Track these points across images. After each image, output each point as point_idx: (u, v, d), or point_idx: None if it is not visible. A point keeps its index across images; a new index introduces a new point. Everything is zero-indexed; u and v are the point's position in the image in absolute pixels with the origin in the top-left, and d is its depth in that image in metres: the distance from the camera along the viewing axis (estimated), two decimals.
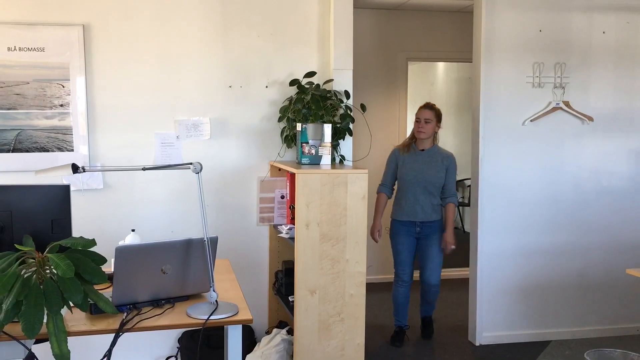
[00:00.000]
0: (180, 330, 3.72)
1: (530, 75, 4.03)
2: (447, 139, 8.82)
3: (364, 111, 3.69)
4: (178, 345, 3.71)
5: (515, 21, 3.97)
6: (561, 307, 4.22)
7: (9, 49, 3.34)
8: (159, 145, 3.62)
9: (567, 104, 4.06)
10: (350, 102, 3.68)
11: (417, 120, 3.99)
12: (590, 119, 4.11)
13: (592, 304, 4.25)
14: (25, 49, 3.36)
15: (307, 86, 3.62)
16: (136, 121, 3.58)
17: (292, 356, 3.38)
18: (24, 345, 1.97)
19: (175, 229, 3.68)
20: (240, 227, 3.79)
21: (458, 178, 8.32)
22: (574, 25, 4.05)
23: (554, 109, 4.06)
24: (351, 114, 3.65)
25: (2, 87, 3.36)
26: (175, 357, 3.71)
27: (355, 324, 3.12)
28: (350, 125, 3.64)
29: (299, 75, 3.69)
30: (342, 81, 3.70)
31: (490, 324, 4.12)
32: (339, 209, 3.07)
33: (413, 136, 4.05)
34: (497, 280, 4.11)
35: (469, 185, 7.66)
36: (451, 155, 4.06)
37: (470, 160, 4.15)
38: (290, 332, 3.50)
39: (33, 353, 2.04)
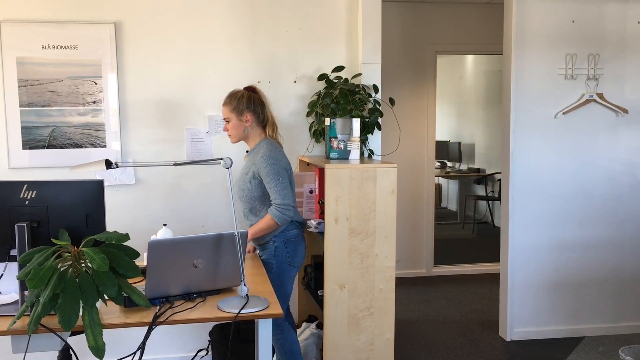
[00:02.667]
0: (211, 324, 3.76)
1: (562, 67, 3.96)
2: (477, 132, 8.74)
3: (392, 105, 3.67)
4: (209, 338, 3.75)
5: (547, 12, 3.90)
6: (595, 302, 4.15)
7: (43, 47, 3.41)
8: (189, 140, 3.65)
9: (600, 96, 3.98)
10: (378, 96, 3.66)
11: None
12: (625, 111, 4.02)
13: (627, 299, 4.17)
14: (58, 47, 3.42)
15: (335, 81, 3.61)
16: (167, 117, 3.62)
17: (321, 350, 3.39)
18: (60, 337, 2.01)
19: (206, 224, 3.72)
20: None
21: (488, 172, 8.27)
22: (608, 16, 3.96)
23: (587, 101, 3.98)
24: (380, 108, 3.63)
25: (36, 85, 3.43)
26: (207, 350, 3.75)
27: (384, 319, 3.11)
28: (379, 120, 3.63)
29: (327, 70, 3.69)
30: (371, 75, 3.69)
31: (521, 319, 4.08)
32: (368, 204, 3.06)
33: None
34: (529, 275, 4.05)
35: (499, 180, 7.59)
36: (263, 154, 2.91)
37: (500, 154, 4.10)
38: (320, 326, 3.51)
39: (69, 345, 2.09)
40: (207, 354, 3.75)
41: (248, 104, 2.98)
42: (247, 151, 3.09)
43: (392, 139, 4.44)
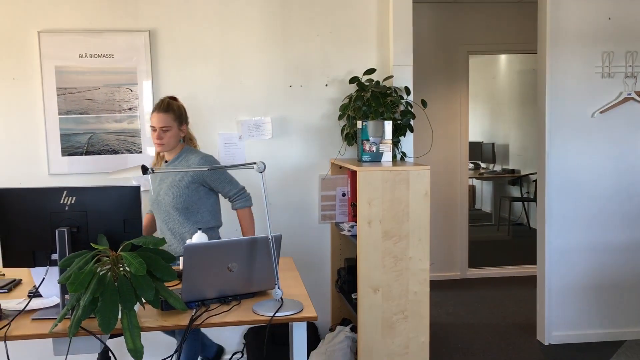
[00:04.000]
0: (246, 327, 3.79)
1: (599, 65, 3.87)
2: (511, 132, 8.62)
3: (424, 107, 3.65)
4: (244, 341, 3.79)
5: (583, 9, 3.83)
6: (636, 305, 4.04)
7: (80, 56, 3.49)
8: (222, 145, 3.69)
9: (639, 94, 3.88)
10: (410, 98, 3.65)
11: (153, 129, 2.95)
12: None
13: None
14: (95, 56, 3.50)
15: (366, 83, 3.61)
16: (200, 122, 3.67)
17: (355, 353, 3.39)
18: (100, 339, 2.05)
19: (239, 228, 3.74)
20: (302, 225, 3.82)
21: (523, 172, 8.14)
22: None
23: (626, 100, 3.89)
24: (412, 110, 3.61)
25: (74, 93, 3.51)
26: (242, 352, 3.79)
27: (419, 322, 3.09)
28: (411, 122, 3.61)
29: (359, 73, 3.69)
30: (402, 77, 3.67)
31: (560, 322, 4.00)
32: (401, 206, 3.05)
33: None
34: (567, 278, 3.98)
35: (535, 180, 7.46)
36: (200, 158, 2.97)
37: (535, 155, 4.03)
38: (354, 329, 3.51)
39: (108, 347, 2.14)
40: (242, 356, 3.78)
41: (186, 115, 3.06)
42: (166, 161, 3.05)
43: (425, 141, 4.41)
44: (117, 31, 3.51)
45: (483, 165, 9.12)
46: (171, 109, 2.97)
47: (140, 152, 3.59)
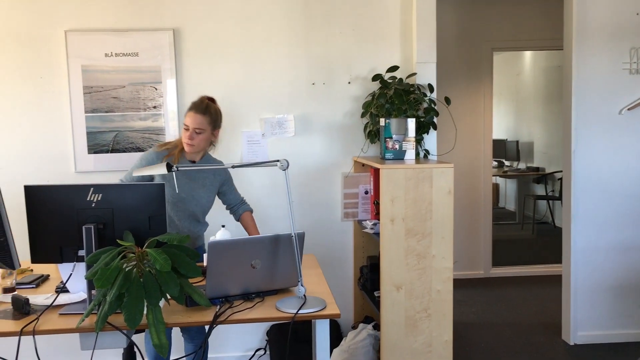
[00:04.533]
0: (269, 324, 3.81)
1: (627, 62, 3.80)
2: (535, 130, 8.51)
3: (448, 104, 3.62)
4: (267, 338, 3.80)
5: (610, 4, 3.76)
6: None
7: (106, 54, 3.53)
8: (245, 143, 3.71)
9: None
10: (434, 95, 3.62)
11: (186, 128, 2.87)
12: None
13: None
14: (121, 55, 3.54)
15: (389, 81, 3.59)
16: (223, 120, 3.67)
17: (378, 351, 3.38)
18: (126, 335, 2.08)
19: (261, 225, 3.75)
20: (324, 222, 3.83)
21: (548, 170, 8.04)
22: None
23: None
24: (435, 107, 3.59)
25: (100, 92, 3.56)
26: (264, 349, 3.80)
27: (442, 321, 3.07)
28: (435, 119, 3.59)
29: (382, 70, 3.67)
30: (426, 74, 3.65)
31: (585, 322, 3.94)
32: (424, 204, 3.03)
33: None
34: (593, 277, 3.92)
35: (560, 179, 7.36)
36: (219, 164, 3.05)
37: (560, 152, 3.97)
38: (377, 327, 3.50)
39: (134, 342, 2.16)
40: (265, 353, 3.80)
41: (221, 120, 2.99)
42: (192, 161, 2.95)
43: (448, 138, 4.38)
44: (141, 30, 3.55)
45: (507, 163, 9.03)
46: (209, 112, 2.90)
47: None
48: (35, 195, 2.18)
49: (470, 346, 3.95)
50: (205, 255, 2.65)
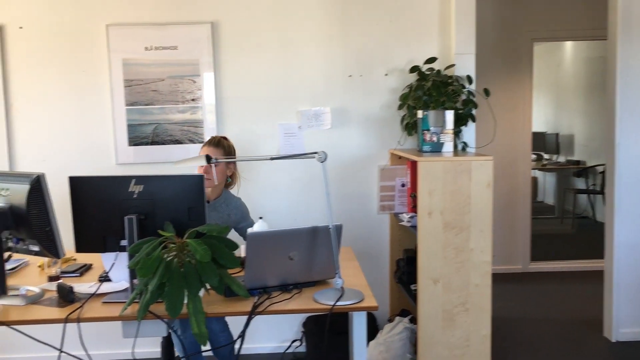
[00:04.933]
0: (305, 315, 3.83)
1: None
2: (576, 122, 8.32)
3: (487, 96, 3.56)
4: (302, 329, 3.82)
5: None
6: None
7: (146, 48, 3.59)
8: (282, 135, 3.73)
9: None
10: (472, 87, 3.57)
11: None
12: None
13: None
14: (160, 48, 3.59)
15: (427, 72, 3.56)
16: (260, 113, 3.71)
17: (414, 345, 3.37)
18: (167, 323, 2.12)
19: (298, 217, 3.78)
20: (360, 215, 3.82)
21: (589, 164, 7.86)
22: None
23: None
24: (474, 99, 3.54)
25: (140, 85, 3.62)
26: (300, 340, 3.83)
27: (480, 315, 3.04)
28: (473, 111, 3.53)
29: (419, 62, 3.63)
30: (464, 66, 3.60)
31: (628, 319, 3.85)
32: (463, 197, 3.00)
33: None
34: (636, 273, 3.82)
35: (602, 172, 7.18)
36: (237, 201, 3.12)
37: (602, 145, 3.87)
38: (413, 320, 3.49)
39: (174, 331, 2.20)
40: (300, 344, 3.82)
41: (235, 154, 3.09)
42: (207, 201, 2.95)
43: (487, 131, 4.30)
44: (180, 23, 3.59)
45: (546, 156, 8.85)
46: (221, 145, 3.02)
47: (202, 142, 3.66)
48: (79, 186, 2.23)
49: (508, 341, 3.90)
50: (242, 247, 2.68)
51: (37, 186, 2.17)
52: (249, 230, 2.48)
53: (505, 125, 5.38)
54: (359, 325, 2.25)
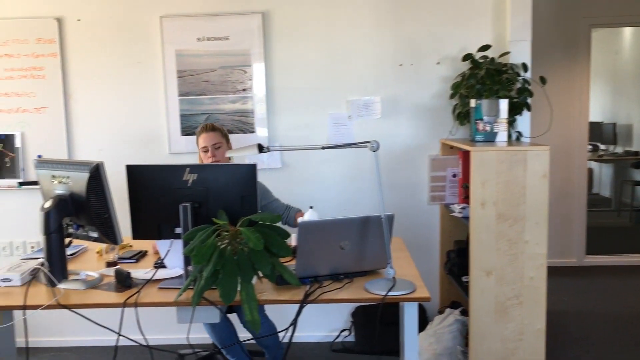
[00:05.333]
0: (354, 305, 3.83)
1: None
2: (635, 112, 8.01)
3: (543, 84, 3.46)
4: (351, 319, 3.83)
5: None
6: None
7: (198, 39, 3.63)
8: (331, 125, 3.72)
9: None
10: (528, 75, 3.47)
11: (204, 150, 3.10)
12: None
13: None
14: (212, 39, 3.63)
15: (481, 60, 3.48)
16: (310, 102, 3.71)
17: (465, 337, 3.32)
18: (220, 310, 2.15)
19: (347, 207, 3.77)
20: (410, 205, 3.78)
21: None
22: None
23: None
24: (529, 87, 3.44)
25: (192, 75, 3.67)
26: (349, 330, 3.83)
27: (535, 309, 2.97)
28: (528, 100, 3.44)
29: (472, 50, 3.56)
30: (520, 53, 3.50)
31: None
32: (517, 188, 2.93)
33: None
34: None
35: None
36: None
37: None
38: (464, 312, 3.44)
39: (227, 317, 2.23)
40: (349, 334, 3.82)
41: (228, 137, 3.20)
42: None
43: (542, 120, 4.18)
44: (232, 14, 3.62)
45: (602, 146, 8.55)
46: (217, 128, 3.13)
47: (253, 132, 3.70)
48: (136, 174, 2.28)
49: (563, 336, 3.80)
50: (293, 236, 2.69)
51: (97, 174, 2.23)
52: (300, 219, 2.49)
53: (560, 114, 5.22)
54: (410, 316, 2.23)
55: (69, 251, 2.57)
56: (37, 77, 3.67)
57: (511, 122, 3.45)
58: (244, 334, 3.30)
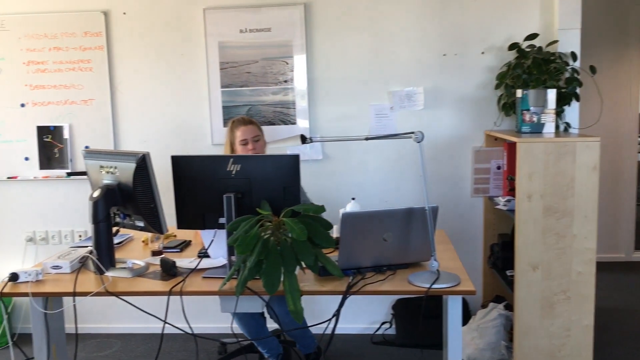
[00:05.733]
0: (394, 298, 3.80)
1: None
2: None
3: (593, 73, 3.35)
4: (392, 312, 3.80)
5: None
6: None
7: (240, 31, 3.65)
8: (373, 116, 3.69)
9: None
10: (577, 64, 3.37)
11: (244, 143, 3.11)
12: None
13: None
14: (254, 30, 3.64)
15: (528, 50, 3.39)
16: (352, 94, 3.69)
17: (509, 332, 3.26)
18: (263, 299, 2.16)
19: (388, 199, 3.75)
20: (453, 198, 3.73)
21: None
22: None
23: None
24: (578, 77, 3.34)
25: (235, 67, 3.69)
26: (390, 323, 3.81)
27: (583, 304, 2.89)
28: (577, 90, 3.34)
29: (519, 39, 3.47)
30: (569, 41, 3.40)
31: None
32: (566, 180, 2.85)
33: None
34: None
35: None
36: None
37: None
38: (508, 307, 3.37)
39: (271, 307, 2.25)
40: (390, 327, 3.80)
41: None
42: None
43: (591, 111, 4.05)
44: (274, 5, 3.62)
45: None
46: (253, 121, 3.19)
47: (294, 123, 3.70)
48: (181, 165, 2.31)
49: (611, 333, 3.69)
50: (335, 227, 2.69)
51: (143, 164, 2.27)
52: (341, 211, 2.48)
53: (609, 105, 5.06)
54: (454, 309, 2.20)
55: (115, 240, 2.62)
56: (85, 70, 3.75)
57: (559, 113, 3.36)
58: (271, 325, 3.34)
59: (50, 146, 3.82)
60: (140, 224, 2.39)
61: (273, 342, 3.14)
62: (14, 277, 2.31)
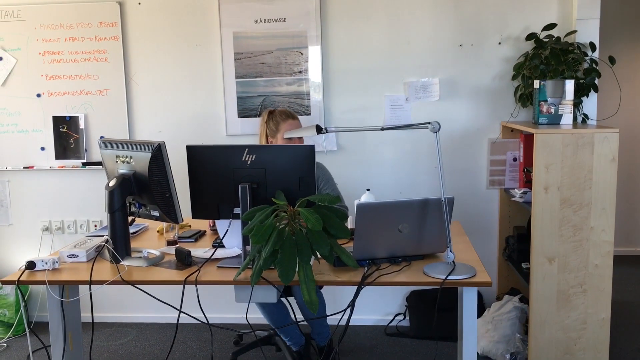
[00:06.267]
0: (409, 290, 3.79)
1: None
2: None
3: (612, 64, 3.30)
4: (406, 303, 3.79)
5: None
6: None
7: (255, 21, 3.64)
8: (388, 107, 3.66)
9: None
10: (595, 54, 3.32)
11: (290, 138, 2.95)
12: None
13: None
14: (269, 21, 3.63)
15: (545, 40, 3.34)
16: (367, 84, 3.67)
17: (524, 324, 3.24)
18: (278, 289, 2.16)
19: (403, 190, 3.73)
20: (468, 189, 3.70)
21: None
22: None
23: None
24: (597, 68, 3.29)
25: (249, 57, 3.68)
26: (404, 314, 3.80)
27: (599, 297, 2.86)
28: (596, 81, 3.29)
29: (537, 29, 3.42)
30: (587, 32, 3.35)
31: None
32: (583, 172, 2.81)
33: None
34: None
35: None
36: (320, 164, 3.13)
37: None
38: (523, 299, 3.35)
39: (286, 297, 2.25)
40: (404, 318, 3.79)
41: None
42: None
43: (609, 102, 4.00)
44: None
45: None
46: (295, 115, 3.11)
47: (309, 114, 3.69)
48: (196, 155, 2.31)
49: (628, 327, 3.66)
50: (350, 218, 2.68)
51: (158, 154, 2.27)
52: (356, 202, 2.47)
53: (628, 96, 5.00)
54: (469, 301, 2.19)
55: (131, 229, 2.64)
56: (100, 60, 3.76)
57: (577, 104, 3.32)
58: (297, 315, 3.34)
59: (66, 136, 3.85)
60: (156, 213, 2.40)
61: (295, 330, 3.14)
62: (31, 265, 2.33)
